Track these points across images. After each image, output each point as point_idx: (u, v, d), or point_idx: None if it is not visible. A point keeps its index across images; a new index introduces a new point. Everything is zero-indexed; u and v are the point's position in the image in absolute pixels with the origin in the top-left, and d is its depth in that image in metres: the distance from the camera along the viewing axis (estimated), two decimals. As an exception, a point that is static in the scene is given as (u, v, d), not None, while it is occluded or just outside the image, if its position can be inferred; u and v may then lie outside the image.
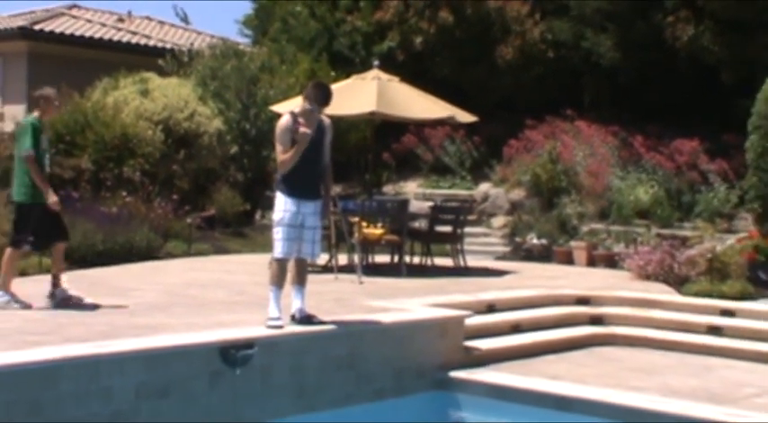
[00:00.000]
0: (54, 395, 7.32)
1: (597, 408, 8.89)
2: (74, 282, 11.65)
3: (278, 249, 9.20)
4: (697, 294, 13.29)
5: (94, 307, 10.60)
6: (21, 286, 10.96)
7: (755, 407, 8.98)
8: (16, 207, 10.98)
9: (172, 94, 20.53)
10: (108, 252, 15.24)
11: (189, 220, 18.07)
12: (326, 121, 9.55)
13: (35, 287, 11.19)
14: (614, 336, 12.34)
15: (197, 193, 19.51)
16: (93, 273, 14.02)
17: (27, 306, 10.48)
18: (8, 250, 10.84)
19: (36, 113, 10.96)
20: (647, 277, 14.71)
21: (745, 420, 8.33)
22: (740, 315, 12.43)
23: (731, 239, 15.40)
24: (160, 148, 19.15)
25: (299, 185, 9.24)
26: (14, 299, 10.54)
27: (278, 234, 9.20)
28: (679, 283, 14.03)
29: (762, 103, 14.49)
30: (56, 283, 10.87)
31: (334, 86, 16.71)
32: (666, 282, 14.29)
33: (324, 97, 9.37)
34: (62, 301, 10.68)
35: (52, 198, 10.58)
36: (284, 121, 9.36)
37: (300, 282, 9.38)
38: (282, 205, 9.24)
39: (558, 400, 9.18)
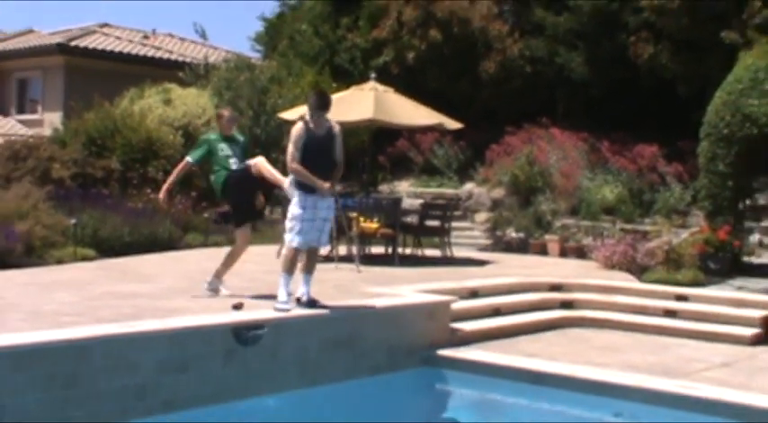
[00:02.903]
0: (87, 369, 7.34)
1: (567, 382, 8.93)
2: (105, 269, 11.66)
3: (295, 241, 9.20)
4: (655, 282, 13.34)
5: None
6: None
7: (704, 379, 9.05)
8: None
9: (191, 103, 20.56)
10: (134, 243, 15.27)
11: (206, 215, 18.06)
12: (336, 126, 9.55)
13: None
14: (583, 318, 12.37)
15: (213, 191, 19.46)
16: (121, 261, 14.05)
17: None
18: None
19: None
20: (612, 267, 14.75)
21: (694, 392, 8.36)
22: (692, 300, 12.46)
23: (685, 233, 15.46)
24: (180, 151, 19.13)
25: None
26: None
27: (295, 227, 9.19)
28: (640, 271, 14.07)
29: (711, 113, 14.52)
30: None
31: (336, 96, 16.75)
32: (629, 270, 14.33)
33: (320, 103, 9.36)
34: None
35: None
36: (298, 128, 9.35)
37: (309, 270, 9.40)
38: (302, 202, 9.23)
39: (533, 376, 9.22)
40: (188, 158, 10.91)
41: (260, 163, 10.27)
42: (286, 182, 9.58)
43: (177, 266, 13.67)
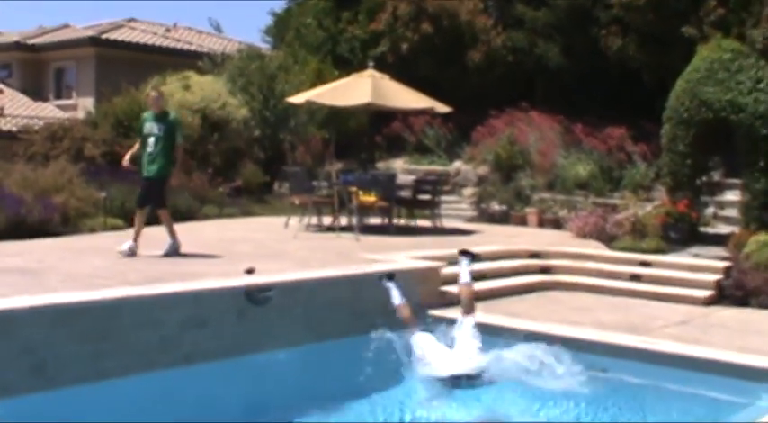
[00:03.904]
0: (117, 326, 7.41)
1: (544, 338, 8.98)
2: (129, 237, 11.70)
3: None
4: (622, 249, 13.38)
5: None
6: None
7: (664, 335, 9.14)
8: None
9: (207, 89, 20.52)
10: (157, 214, 15.24)
11: (221, 189, 18.11)
12: None
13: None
14: (559, 282, 12.42)
15: (227, 167, 19.51)
16: (145, 230, 14.03)
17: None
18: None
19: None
20: (585, 236, 14.78)
21: (655, 346, 8.45)
22: (655, 265, 12.52)
23: (649, 206, 15.47)
24: (198, 132, 19.16)
25: None
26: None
27: None
28: (609, 240, 14.09)
29: (673, 99, 14.52)
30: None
31: (338, 83, 16.82)
32: (599, 239, 14.37)
33: None
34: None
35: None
36: None
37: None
38: None
39: (514, 333, 9.27)
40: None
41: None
42: None
43: (195, 235, 13.69)
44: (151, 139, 10.89)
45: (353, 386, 7.30)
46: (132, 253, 10.72)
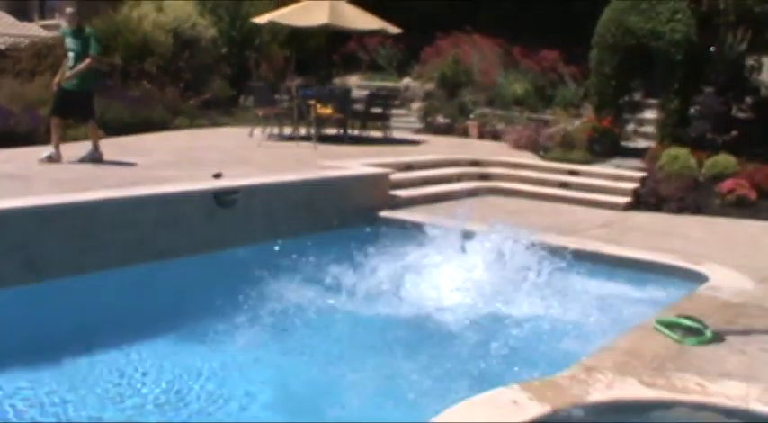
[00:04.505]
0: (98, 224, 7.38)
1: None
2: (109, 146, 11.56)
3: None
4: (553, 159, 13.51)
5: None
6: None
7: (588, 236, 9.34)
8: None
9: (179, 10, 20.06)
10: (133, 124, 15.02)
11: (192, 102, 17.87)
12: None
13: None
14: (497, 188, 12.54)
15: (197, 82, 19.18)
16: (123, 139, 13.88)
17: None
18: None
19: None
20: (520, 147, 14.87)
21: (579, 246, 8.59)
22: (581, 175, 12.68)
23: (578, 122, 15.55)
24: (170, 49, 18.79)
25: None
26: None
27: None
28: (542, 151, 14.22)
29: (601, 26, 14.53)
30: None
31: (299, 5, 16.53)
32: (533, 150, 14.47)
33: None
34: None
35: None
36: None
37: None
38: None
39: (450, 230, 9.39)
40: None
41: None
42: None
43: (168, 143, 13.56)
44: (71, 54, 10.52)
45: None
46: (52, 160, 10.31)
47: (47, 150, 10.57)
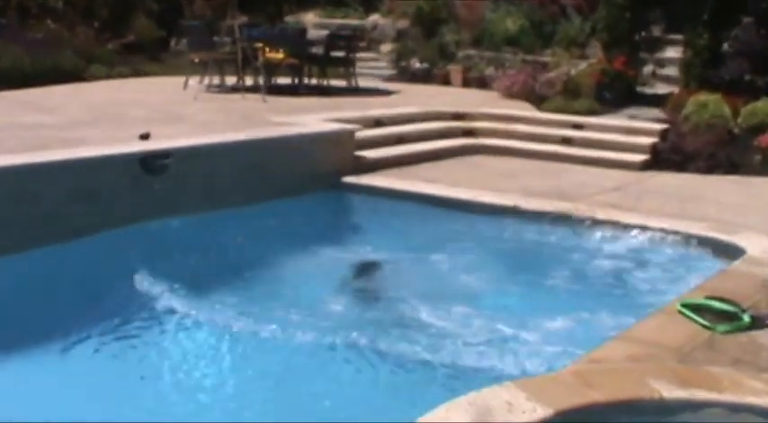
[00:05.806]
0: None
1: (466, 207, 9.14)
2: (7, 100, 11.42)
3: None
4: (553, 111, 13.54)
5: None
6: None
7: (595, 202, 9.31)
8: None
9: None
10: (36, 74, 14.84)
11: (110, 46, 17.69)
12: None
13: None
14: (484, 146, 12.53)
15: (116, 21, 19.00)
16: (23, 93, 13.70)
17: None
18: None
19: None
20: (513, 96, 14.88)
21: (585, 214, 8.63)
22: (588, 128, 12.71)
23: (583, 64, 15.58)
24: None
25: None
26: None
27: None
28: (538, 101, 14.23)
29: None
30: None
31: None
32: (528, 100, 14.48)
33: None
34: None
35: None
36: None
37: None
38: None
39: (429, 199, 9.40)
40: None
41: None
42: None
43: (81, 98, 13.41)
44: None
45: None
46: None
47: None
